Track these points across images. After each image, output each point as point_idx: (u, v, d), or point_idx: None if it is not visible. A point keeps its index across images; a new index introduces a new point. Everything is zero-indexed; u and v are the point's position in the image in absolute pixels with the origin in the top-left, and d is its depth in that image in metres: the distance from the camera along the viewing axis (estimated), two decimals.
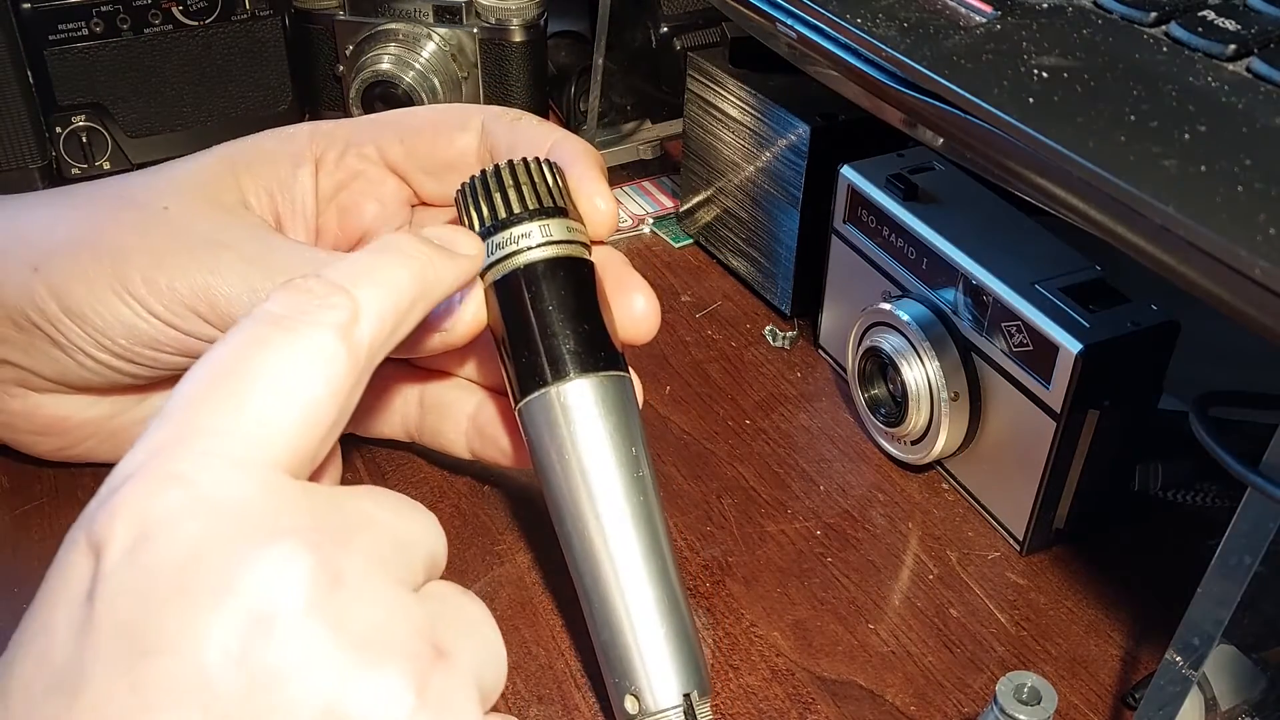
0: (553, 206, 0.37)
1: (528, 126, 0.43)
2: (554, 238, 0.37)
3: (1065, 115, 0.29)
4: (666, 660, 0.35)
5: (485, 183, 0.38)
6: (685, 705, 0.34)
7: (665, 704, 0.34)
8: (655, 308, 0.40)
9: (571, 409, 0.36)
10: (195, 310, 0.38)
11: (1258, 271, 0.24)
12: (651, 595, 0.35)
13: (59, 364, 0.40)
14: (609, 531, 0.35)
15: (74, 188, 0.43)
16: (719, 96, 0.57)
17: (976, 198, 0.48)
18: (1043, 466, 0.42)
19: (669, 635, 0.35)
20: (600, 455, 0.36)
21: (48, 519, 0.44)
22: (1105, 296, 0.42)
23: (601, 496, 0.35)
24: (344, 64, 0.67)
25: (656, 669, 0.35)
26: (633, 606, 0.35)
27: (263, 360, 0.29)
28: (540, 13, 0.67)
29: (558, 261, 0.37)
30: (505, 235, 0.37)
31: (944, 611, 0.42)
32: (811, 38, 0.37)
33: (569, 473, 0.36)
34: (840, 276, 0.52)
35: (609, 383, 0.36)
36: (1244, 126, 0.27)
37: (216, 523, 0.26)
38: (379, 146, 0.44)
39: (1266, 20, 0.31)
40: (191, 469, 0.27)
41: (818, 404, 0.52)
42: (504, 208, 0.37)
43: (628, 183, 0.68)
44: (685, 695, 0.34)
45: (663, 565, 0.35)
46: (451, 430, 0.44)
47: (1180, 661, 0.31)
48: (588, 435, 0.36)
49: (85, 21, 0.60)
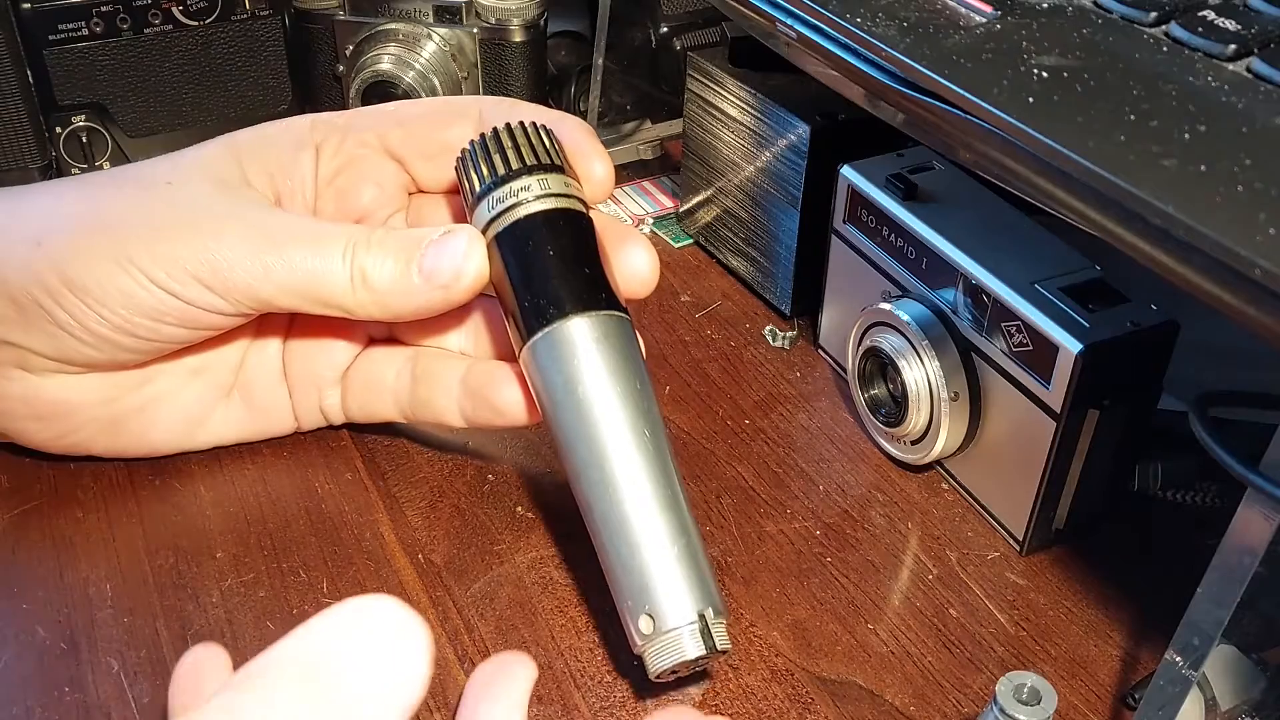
0: (550, 163, 0.39)
1: (525, 111, 0.43)
2: (552, 190, 0.38)
3: (1065, 115, 0.29)
4: (679, 579, 0.35)
5: (485, 144, 0.39)
6: (700, 624, 0.34)
7: (679, 621, 0.34)
8: (655, 260, 0.41)
9: (577, 342, 0.37)
10: (198, 277, 0.39)
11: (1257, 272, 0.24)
12: (661, 518, 0.35)
13: (58, 340, 0.40)
14: (617, 458, 0.36)
15: (78, 177, 0.44)
16: (719, 96, 0.57)
17: (976, 197, 0.48)
18: (1042, 466, 0.42)
19: (680, 556, 0.35)
20: (607, 386, 0.36)
21: (47, 519, 0.44)
22: (1105, 296, 0.42)
23: (609, 425, 0.36)
24: (344, 64, 0.67)
25: (669, 587, 0.35)
26: (643, 529, 0.35)
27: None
28: (540, 12, 0.67)
29: (557, 212, 0.38)
30: (505, 190, 0.38)
31: (943, 612, 0.42)
32: (811, 37, 0.37)
33: (577, 404, 0.36)
34: (840, 276, 0.52)
35: (612, 320, 0.37)
36: (1244, 126, 0.27)
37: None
38: (378, 133, 0.45)
39: (1267, 20, 0.31)
40: None
41: (817, 404, 0.52)
42: (503, 165, 0.38)
43: (628, 182, 0.68)
44: (699, 614, 0.35)
45: (672, 491, 0.36)
46: (443, 398, 0.44)
47: (1180, 661, 0.31)
48: (594, 367, 0.36)
49: (85, 21, 0.60)
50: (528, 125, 0.40)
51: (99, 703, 0.37)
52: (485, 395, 0.42)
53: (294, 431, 0.47)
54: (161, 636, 0.40)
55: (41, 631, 0.39)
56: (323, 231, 0.40)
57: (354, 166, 0.45)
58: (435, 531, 0.44)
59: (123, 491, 0.45)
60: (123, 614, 0.40)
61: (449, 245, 0.39)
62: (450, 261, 0.38)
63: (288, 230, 0.40)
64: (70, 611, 0.40)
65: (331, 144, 0.45)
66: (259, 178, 0.43)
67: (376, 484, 0.46)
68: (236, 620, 0.40)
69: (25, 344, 0.40)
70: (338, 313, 0.40)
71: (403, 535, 0.44)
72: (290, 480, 0.46)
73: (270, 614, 0.41)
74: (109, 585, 0.41)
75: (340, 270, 0.39)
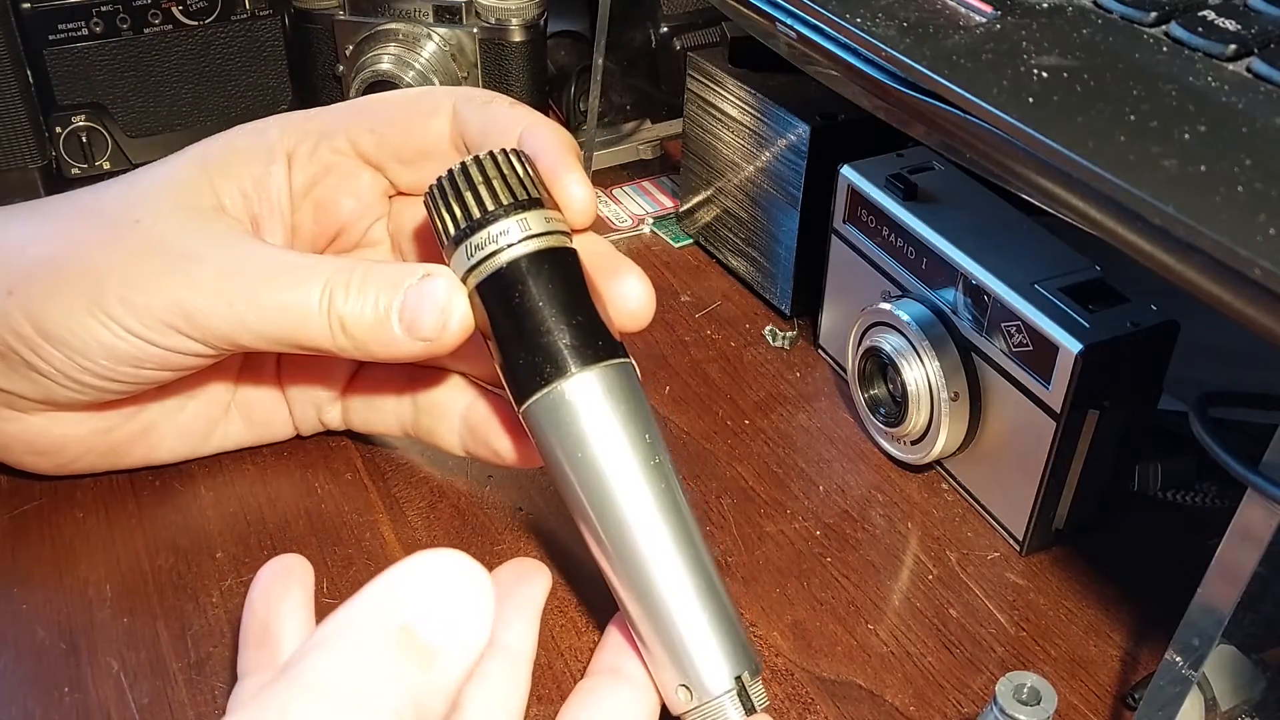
0: (527, 198, 0.36)
1: (499, 110, 0.42)
2: (533, 230, 0.35)
3: (1065, 115, 0.29)
4: (713, 647, 0.34)
5: (454, 182, 0.36)
6: (737, 687, 0.33)
7: (717, 690, 0.33)
8: (649, 291, 0.39)
9: (578, 405, 0.34)
10: (173, 326, 0.38)
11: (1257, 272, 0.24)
12: (688, 582, 0.34)
13: (41, 386, 0.39)
14: (635, 526, 0.34)
15: (47, 201, 0.42)
16: (719, 96, 0.56)
17: (976, 198, 0.48)
18: (1042, 467, 0.42)
19: (711, 620, 0.34)
20: (615, 448, 0.34)
21: (47, 520, 0.44)
22: (1105, 296, 0.42)
23: (623, 491, 0.34)
24: (344, 64, 0.67)
25: (704, 657, 0.34)
26: (670, 596, 0.34)
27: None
28: (540, 12, 0.67)
29: (541, 255, 0.35)
30: (483, 235, 0.35)
31: (943, 612, 0.42)
32: (811, 37, 0.37)
33: (585, 470, 0.35)
34: (840, 276, 0.52)
35: (612, 372, 0.35)
36: (1244, 126, 0.27)
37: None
38: (350, 139, 0.43)
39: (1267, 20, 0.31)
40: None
41: (817, 404, 0.52)
42: (477, 207, 0.35)
43: (627, 182, 0.68)
44: (736, 678, 0.34)
45: (694, 551, 0.34)
46: (445, 429, 0.44)
47: (1180, 662, 0.31)
48: (599, 430, 0.34)
49: (85, 21, 0.60)
50: (498, 156, 0.36)
51: (98, 704, 0.37)
52: (485, 437, 0.42)
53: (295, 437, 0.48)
54: (161, 637, 0.40)
55: (41, 632, 0.39)
56: (299, 276, 0.38)
57: (329, 175, 0.43)
58: (435, 532, 0.44)
59: (122, 492, 0.45)
60: (122, 614, 0.40)
61: (428, 295, 0.36)
62: (431, 314, 0.36)
63: (261, 271, 0.38)
64: (70, 612, 0.40)
65: (303, 152, 0.43)
66: (233, 198, 0.41)
67: (376, 484, 0.46)
68: (237, 621, 0.40)
69: (8, 388, 0.40)
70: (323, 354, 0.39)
71: (403, 536, 0.44)
72: (290, 481, 0.46)
73: None
74: (108, 586, 0.41)
75: (318, 318, 0.38)
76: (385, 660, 0.27)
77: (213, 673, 0.38)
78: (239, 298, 0.37)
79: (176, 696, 0.38)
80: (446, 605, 0.29)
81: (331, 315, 0.37)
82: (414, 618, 0.28)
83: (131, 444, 0.44)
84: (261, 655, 0.36)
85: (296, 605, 0.37)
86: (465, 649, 0.29)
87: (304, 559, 0.39)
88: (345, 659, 0.27)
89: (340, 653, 0.27)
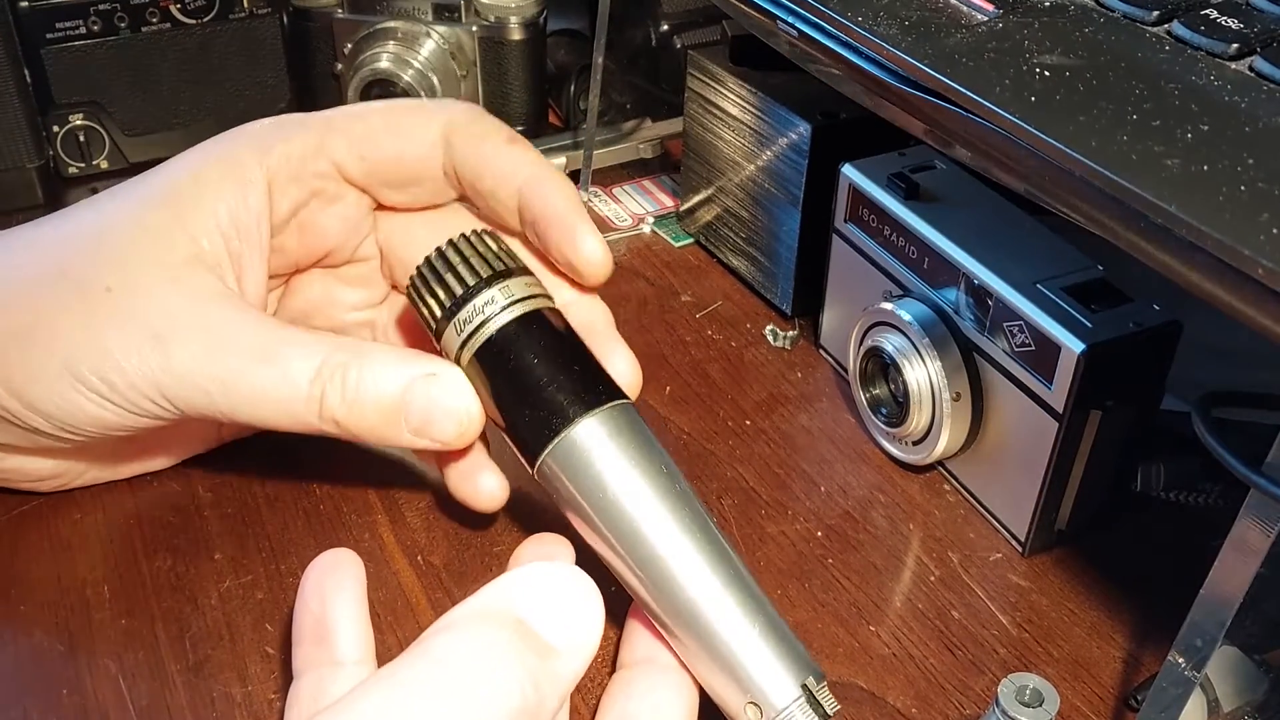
0: (505, 269, 0.37)
1: (495, 150, 0.41)
2: (517, 296, 0.36)
3: (1067, 114, 0.29)
4: (772, 660, 0.33)
5: (433, 268, 0.37)
6: (805, 695, 0.33)
7: (786, 702, 0.33)
8: (636, 367, 0.41)
9: (591, 446, 0.35)
10: (149, 398, 0.37)
11: (1260, 271, 0.24)
12: (735, 602, 0.34)
13: (34, 439, 0.39)
14: (671, 556, 0.34)
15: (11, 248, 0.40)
16: (719, 95, 0.56)
17: (978, 197, 0.48)
18: (1045, 467, 0.42)
19: (764, 634, 0.33)
20: (636, 483, 0.34)
21: (45, 521, 0.44)
22: (1107, 296, 0.42)
23: (652, 523, 0.34)
24: (342, 62, 0.67)
25: (765, 672, 0.33)
26: (721, 620, 0.33)
27: None
28: (539, 11, 0.67)
29: (528, 316, 0.36)
30: (470, 309, 0.36)
31: (945, 613, 0.42)
32: (812, 35, 0.37)
33: (611, 511, 0.34)
34: (841, 276, 0.52)
35: (617, 412, 0.35)
36: (1246, 126, 0.27)
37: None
38: (335, 162, 0.41)
39: (1269, 19, 0.30)
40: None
41: (818, 404, 0.52)
42: (458, 284, 0.36)
43: (627, 181, 0.68)
44: (802, 686, 0.33)
45: (734, 569, 0.34)
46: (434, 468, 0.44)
47: (1183, 663, 0.31)
48: (616, 468, 0.35)
49: (83, 20, 0.60)
50: (470, 236, 0.38)
51: (97, 705, 0.37)
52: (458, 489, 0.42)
53: None
54: (159, 638, 0.39)
55: (39, 633, 0.39)
56: (283, 359, 0.37)
57: (314, 199, 0.42)
58: (434, 533, 0.44)
59: (120, 493, 0.45)
60: (120, 616, 0.40)
61: (438, 401, 0.36)
62: (448, 423, 0.36)
63: (236, 347, 0.37)
64: (68, 613, 0.40)
65: (284, 178, 0.41)
66: (211, 239, 0.39)
67: (375, 485, 0.46)
68: (235, 622, 0.40)
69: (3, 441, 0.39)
70: None
71: (402, 537, 0.44)
72: (288, 482, 0.46)
73: (269, 616, 0.40)
74: (107, 587, 0.41)
75: (305, 405, 0.37)
76: (505, 643, 0.29)
77: (211, 675, 0.38)
78: (216, 384, 0.37)
79: (175, 698, 0.37)
80: (562, 607, 0.31)
81: (323, 410, 0.37)
82: (531, 616, 0.30)
83: (129, 460, 0.44)
84: (320, 652, 0.35)
85: (351, 600, 0.36)
86: (580, 649, 0.31)
87: (353, 553, 0.37)
88: (466, 640, 0.29)
89: (461, 636, 0.29)
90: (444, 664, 0.28)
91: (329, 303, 0.46)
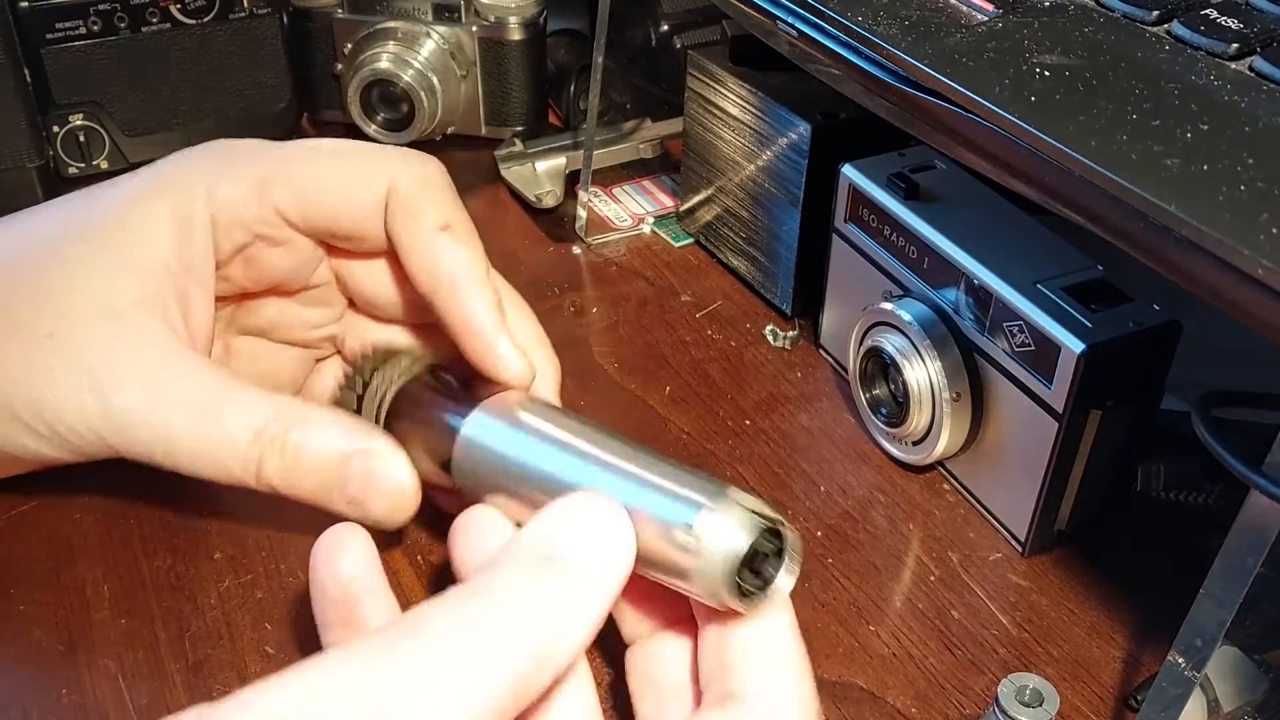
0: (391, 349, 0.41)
1: (424, 238, 0.40)
2: (404, 367, 0.40)
3: (1067, 114, 0.29)
4: (689, 476, 0.32)
5: (350, 383, 0.40)
6: (738, 508, 0.31)
7: (717, 500, 0.31)
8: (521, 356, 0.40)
9: (485, 436, 0.36)
10: (92, 442, 0.37)
11: (1260, 271, 0.24)
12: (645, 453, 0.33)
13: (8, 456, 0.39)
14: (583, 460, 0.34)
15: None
16: (719, 95, 0.56)
17: (978, 197, 0.48)
18: (1045, 467, 0.42)
19: (678, 465, 0.33)
20: (537, 446, 0.35)
21: (44, 520, 0.44)
22: (1107, 296, 0.42)
23: (562, 460, 0.34)
24: (342, 62, 0.67)
25: (689, 481, 0.32)
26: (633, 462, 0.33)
27: None
28: (539, 11, 0.67)
29: (421, 370, 0.40)
30: (374, 386, 0.39)
31: (945, 613, 0.42)
32: (812, 36, 0.37)
33: (525, 478, 0.35)
34: (841, 276, 0.52)
35: (495, 400, 0.37)
36: (1246, 125, 0.27)
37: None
38: (279, 210, 0.41)
39: (1269, 19, 0.30)
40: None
41: (818, 404, 0.52)
42: (360, 380, 0.40)
43: (627, 181, 0.68)
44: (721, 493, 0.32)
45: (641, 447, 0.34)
46: None
47: (1183, 663, 0.31)
48: (521, 429, 0.36)
49: (83, 20, 0.60)
50: (372, 354, 0.41)
51: (96, 705, 0.37)
52: None
53: None
54: (159, 638, 0.39)
55: (39, 633, 0.39)
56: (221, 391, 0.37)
57: (259, 240, 0.41)
58: (434, 534, 0.44)
59: (120, 492, 0.45)
60: (120, 615, 0.40)
61: (375, 482, 0.37)
62: (382, 504, 0.37)
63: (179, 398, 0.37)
64: (67, 613, 0.40)
65: (226, 220, 0.40)
66: (157, 276, 0.39)
67: None
68: (234, 622, 0.40)
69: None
70: None
71: (401, 537, 0.44)
72: None
73: (268, 616, 0.40)
74: (106, 587, 0.41)
75: (240, 466, 0.37)
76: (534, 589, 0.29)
77: (211, 674, 0.38)
78: (155, 436, 0.37)
79: (175, 698, 0.37)
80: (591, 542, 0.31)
81: (260, 474, 0.37)
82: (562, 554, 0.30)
83: None
84: (350, 636, 0.34)
85: (371, 575, 0.35)
86: (612, 579, 0.31)
87: (351, 524, 0.36)
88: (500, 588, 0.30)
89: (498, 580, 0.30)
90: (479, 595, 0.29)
91: (287, 323, 0.45)
